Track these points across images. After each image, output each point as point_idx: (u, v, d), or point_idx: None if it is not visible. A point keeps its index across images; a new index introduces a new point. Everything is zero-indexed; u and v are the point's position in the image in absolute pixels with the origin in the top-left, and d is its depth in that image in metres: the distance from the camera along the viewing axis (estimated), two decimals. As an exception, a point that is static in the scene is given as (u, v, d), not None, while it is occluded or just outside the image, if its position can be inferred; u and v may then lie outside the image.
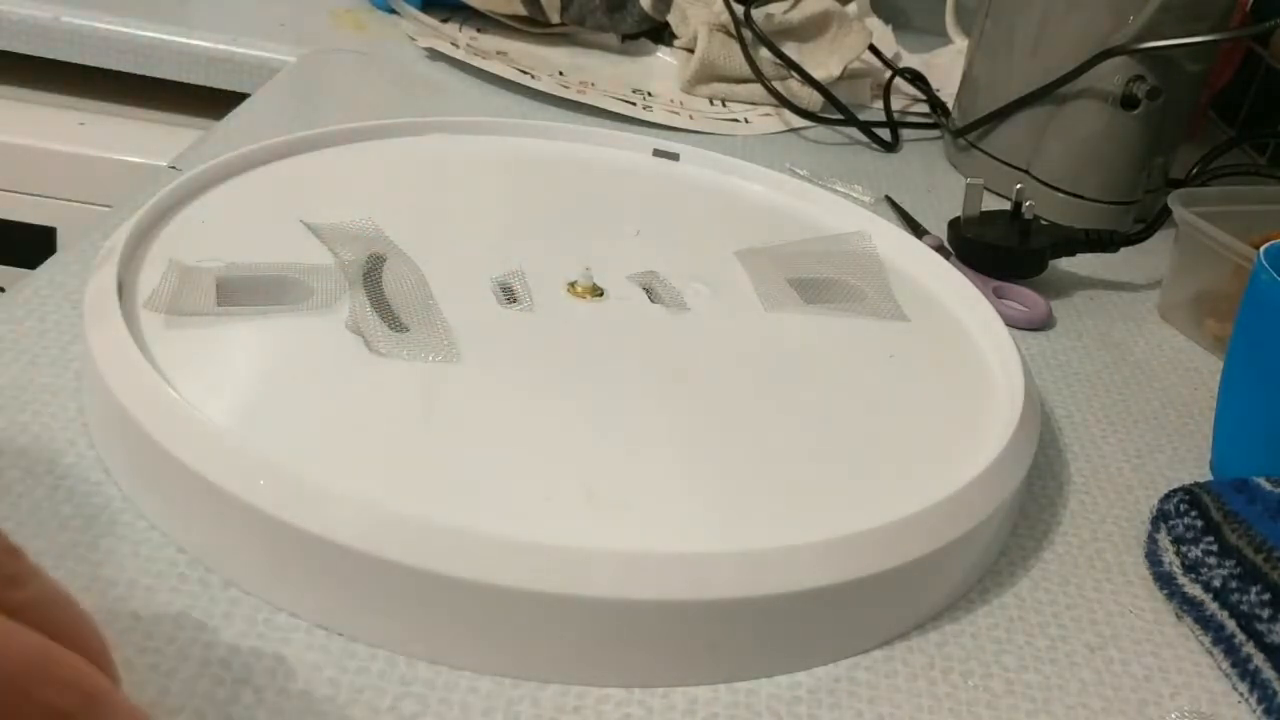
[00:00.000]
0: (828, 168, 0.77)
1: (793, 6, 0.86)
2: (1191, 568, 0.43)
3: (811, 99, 0.84)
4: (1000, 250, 0.64)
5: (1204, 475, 0.51)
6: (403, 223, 0.52)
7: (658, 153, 0.65)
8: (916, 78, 0.91)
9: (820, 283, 0.55)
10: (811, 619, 0.37)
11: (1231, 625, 0.40)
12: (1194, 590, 0.42)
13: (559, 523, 0.37)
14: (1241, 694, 0.39)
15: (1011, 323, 0.59)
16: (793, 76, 0.84)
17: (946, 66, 0.98)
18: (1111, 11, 0.71)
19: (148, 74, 0.88)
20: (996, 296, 0.63)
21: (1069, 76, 0.72)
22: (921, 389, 0.49)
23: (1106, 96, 0.72)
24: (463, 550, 0.34)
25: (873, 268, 0.56)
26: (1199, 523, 0.44)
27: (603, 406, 0.44)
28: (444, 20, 0.91)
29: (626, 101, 0.81)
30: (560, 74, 0.84)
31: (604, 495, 0.39)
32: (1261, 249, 0.48)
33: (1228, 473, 0.50)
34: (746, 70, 0.84)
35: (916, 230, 0.69)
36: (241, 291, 0.46)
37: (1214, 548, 0.43)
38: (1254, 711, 0.39)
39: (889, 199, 0.73)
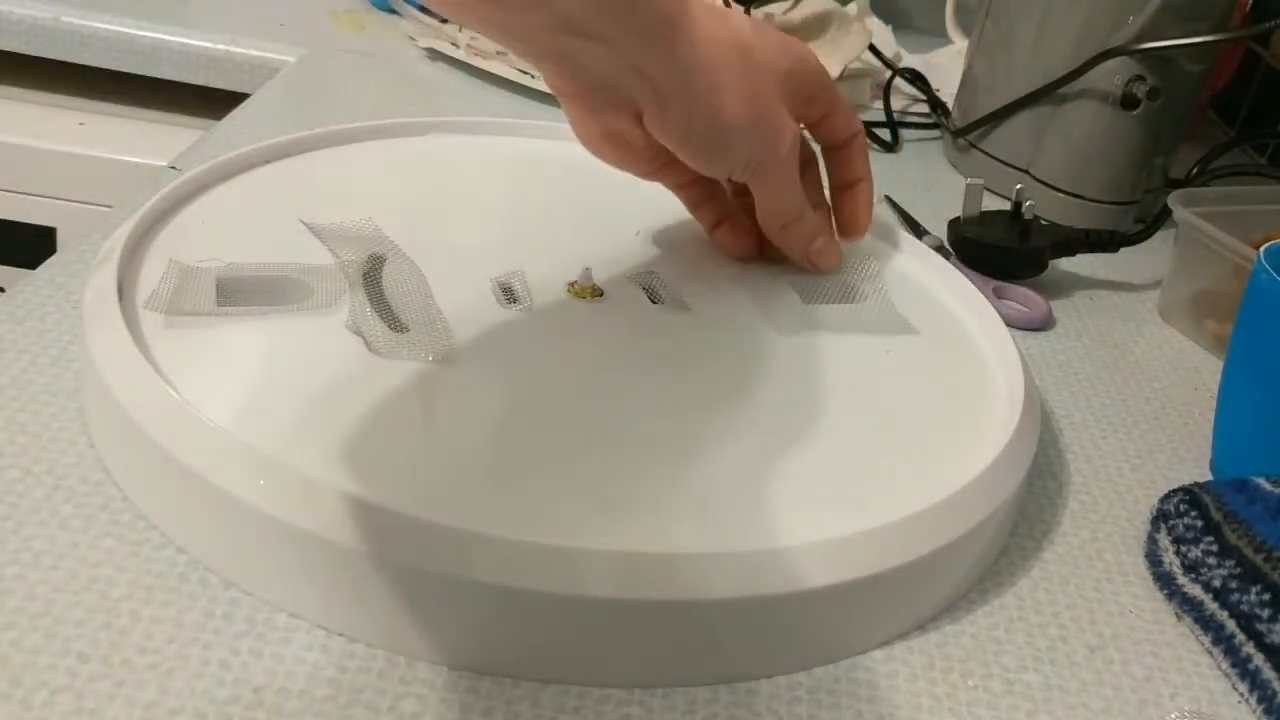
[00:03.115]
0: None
1: (793, 6, 0.86)
2: (1191, 568, 0.43)
3: (811, 99, 0.84)
4: (1000, 250, 0.64)
5: (1204, 475, 0.51)
6: (403, 223, 0.52)
7: (658, 153, 0.65)
8: (916, 78, 0.91)
9: (820, 282, 0.55)
10: (811, 619, 0.37)
11: (1231, 625, 0.40)
12: (1194, 590, 0.42)
13: (559, 522, 0.37)
14: (1241, 694, 0.39)
15: (1011, 323, 0.59)
16: (793, 76, 0.84)
17: (946, 66, 0.98)
18: (1111, 11, 0.71)
19: (148, 74, 0.88)
20: (996, 296, 0.63)
21: (1069, 76, 0.72)
22: (921, 389, 0.49)
23: (1106, 96, 0.72)
24: (463, 550, 0.34)
25: (871, 272, 0.56)
26: (1199, 523, 0.44)
27: (603, 406, 0.44)
28: (444, 20, 0.91)
29: (626, 101, 0.81)
30: (560, 74, 0.84)
31: (604, 495, 0.39)
32: (1261, 249, 0.48)
33: (1228, 473, 0.50)
34: (746, 70, 0.84)
35: (916, 230, 0.69)
36: (241, 291, 0.46)
37: (1214, 548, 0.43)
38: (1254, 711, 0.39)
39: (889, 199, 0.73)
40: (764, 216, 0.52)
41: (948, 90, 0.89)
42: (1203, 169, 0.82)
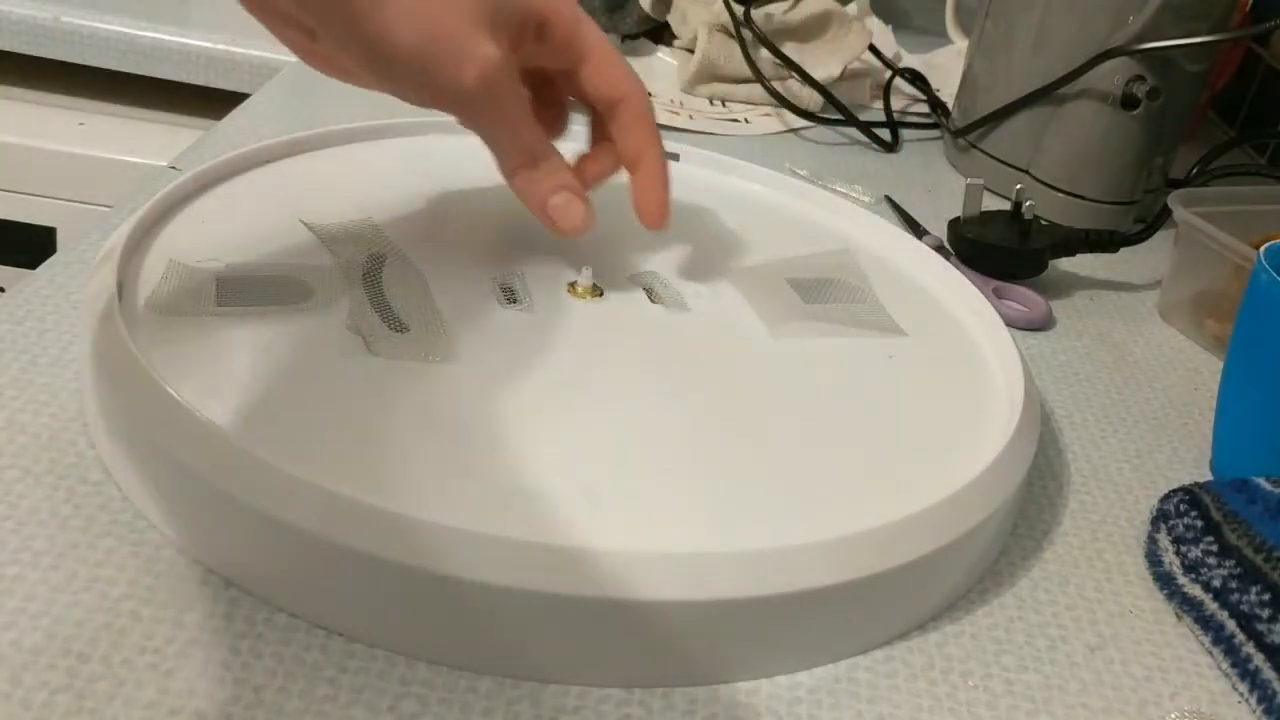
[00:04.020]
0: (828, 168, 0.77)
1: (793, 6, 0.86)
2: (1191, 568, 0.43)
3: (811, 99, 0.84)
4: (1000, 250, 0.64)
5: (1204, 475, 0.51)
6: (403, 223, 0.52)
7: (658, 153, 0.65)
8: (916, 78, 0.91)
9: (820, 282, 0.55)
10: (811, 619, 0.37)
11: (1231, 625, 0.40)
12: (1194, 590, 0.42)
13: (559, 523, 0.37)
14: (1241, 694, 0.39)
15: (1011, 323, 0.59)
16: (792, 77, 0.84)
17: (946, 66, 0.98)
18: (1111, 11, 0.71)
19: (148, 74, 0.88)
20: (996, 296, 0.63)
21: (1069, 76, 0.72)
22: (921, 389, 0.49)
23: (1106, 96, 0.72)
24: (463, 550, 0.34)
25: (870, 272, 0.56)
26: (1199, 523, 0.44)
27: (602, 406, 0.44)
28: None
29: (626, 101, 0.81)
30: (560, 74, 0.84)
31: (604, 495, 0.39)
32: (1261, 249, 0.48)
33: (1228, 473, 0.50)
34: (746, 70, 0.84)
35: (916, 230, 0.69)
36: (241, 291, 0.46)
37: (1214, 548, 0.43)
38: (1254, 711, 0.39)
39: (889, 199, 0.73)
40: (495, 158, 0.47)
41: (948, 90, 0.89)
42: (1203, 169, 0.82)
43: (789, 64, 0.83)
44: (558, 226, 0.47)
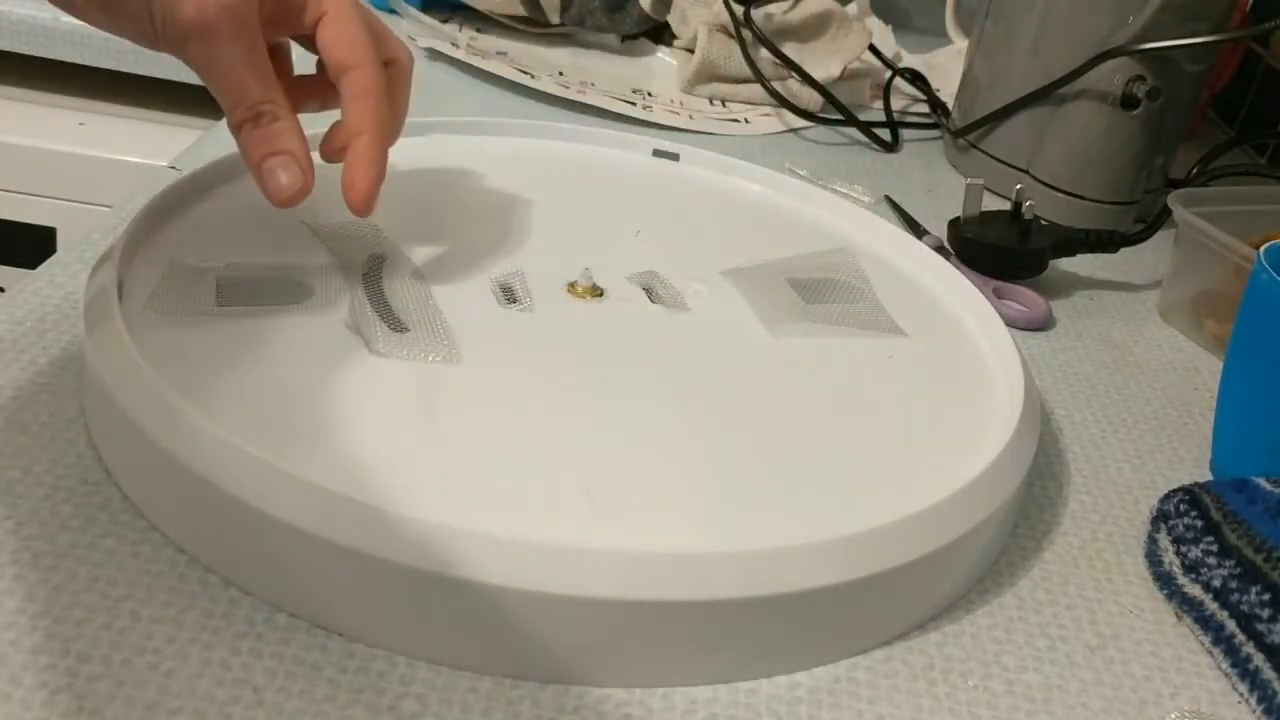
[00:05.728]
0: (828, 168, 0.77)
1: (793, 6, 0.86)
2: (1191, 568, 0.43)
3: (811, 99, 0.84)
4: (1000, 250, 0.64)
5: (1204, 475, 0.51)
6: (403, 223, 0.52)
7: (658, 153, 0.65)
8: (916, 78, 0.91)
9: (819, 282, 0.55)
10: (811, 619, 0.37)
11: (1231, 625, 0.40)
12: (1194, 590, 0.42)
13: (559, 523, 0.37)
14: (1241, 694, 0.39)
15: (1011, 323, 0.59)
16: (792, 77, 0.84)
17: (946, 66, 0.98)
18: (1111, 11, 0.71)
19: (148, 74, 0.88)
20: (996, 296, 0.63)
21: (1069, 76, 0.72)
22: (921, 389, 0.49)
23: (1106, 96, 0.72)
24: (463, 550, 0.34)
25: (870, 272, 0.56)
26: (1199, 523, 0.44)
27: (603, 406, 0.44)
28: (444, 20, 0.91)
29: (626, 101, 0.81)
30: (560, 74, 0.84)
31: (604, 495, 0.39)
32: (1261, 249, 0.48)
33: (1228, 473, 0.50)
34: (746, 70, 0.84)
35: (916, 230, 0.69)
36: (241, 291, 0.46)
37: (1214, 548, 0.43)
38: (1254, 711, 0.39)
39: (889, 199, 0.73)
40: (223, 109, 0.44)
41: (948, 90, 0.89)
42: (1203, 169, 0.82)
43: (789, 64, 0.83)
44: (268, 193, 0.44)
